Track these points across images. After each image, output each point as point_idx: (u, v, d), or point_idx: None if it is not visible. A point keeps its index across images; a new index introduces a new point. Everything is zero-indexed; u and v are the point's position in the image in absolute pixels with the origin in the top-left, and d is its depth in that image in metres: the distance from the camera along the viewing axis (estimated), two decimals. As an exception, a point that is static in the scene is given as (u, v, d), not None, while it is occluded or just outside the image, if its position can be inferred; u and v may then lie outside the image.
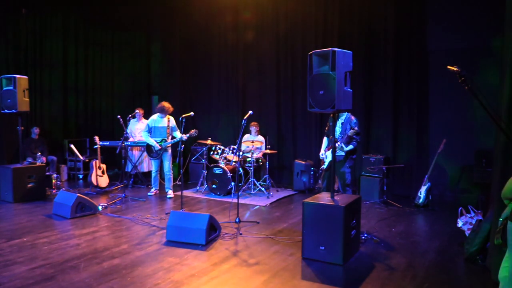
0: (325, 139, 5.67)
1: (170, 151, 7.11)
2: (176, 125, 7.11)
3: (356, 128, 5.18)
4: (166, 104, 7.00)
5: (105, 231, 5.08)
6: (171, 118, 7.12)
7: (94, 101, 9.91)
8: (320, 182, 6.74)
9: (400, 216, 6.00)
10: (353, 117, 5.32)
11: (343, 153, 5.30)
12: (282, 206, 6.63)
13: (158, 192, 7.33)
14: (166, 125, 7.01)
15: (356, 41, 7.63)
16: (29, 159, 7.68)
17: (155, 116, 7.10)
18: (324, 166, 5.46)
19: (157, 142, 6.94)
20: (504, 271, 2.53)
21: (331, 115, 5.48)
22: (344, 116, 5.32)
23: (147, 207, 6.41)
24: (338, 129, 5.30)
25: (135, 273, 3.74)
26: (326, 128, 5.70)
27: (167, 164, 7.08)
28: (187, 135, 6.50)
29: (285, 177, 8.54)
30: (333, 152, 4.46)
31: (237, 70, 9.08)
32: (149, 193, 7.28)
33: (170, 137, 7.02)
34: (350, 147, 5.26)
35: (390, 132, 7.43)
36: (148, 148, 7.11)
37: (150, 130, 7.04)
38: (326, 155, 5.47)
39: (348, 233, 4.04)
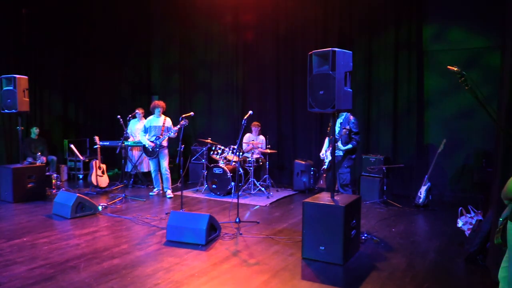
0: (326, 140, 5.68)
1: (166, 150, 7.12)
2: (172, 126, 7.12)
3: (347, 127, 5.19)
4: (158, 102, 7.13)
5: (105, 231, 5.07)
6: (168, 119, 7.15)
7: (94, 101, 9.91)
8: (321, 182, 6.75)
9: (400, 216, 6.00)
10: (351, 117, 5.32)
11: (341, 153, 5.31)
12: (282, 206, 6.63)
13: (160, 192, 7.33)
14: (161, 124, 7.03)
15: (356, 41, 7.64)
16: (29, 159, 7.67)
17: (151, 116, 7.17)
18: (325, 166, 5.48)
19: (151, 141, 6.96)
20: (504, 271, 2.53)
21: (333, 115, 5.51)
22: (343, 116, 5.33)
23: (147, 207, 6.41)
24: (337, 129, 5.32)
25: (135, 273, 3.74)
26: (328, 128, 5.70)
27: (164, 164, 7.08)
28: (177, 126, 6.44)
29: (285, 177, 8.54)
30: (333, 152, 4.47)
31: (237, 70, 9.08)
32: (151, 193, 7.28)
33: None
34: (349, 146, 5.25)
35: (390, 132, 7.43)
36: (145, 148, 7.11)
37: (147, 130, 7.09)
38: (326, 155, 5.48)
39: (348, 233, 4.04)
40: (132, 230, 5.14)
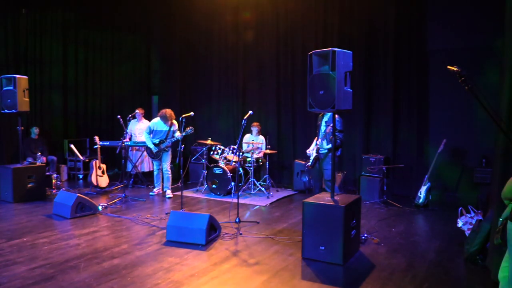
0: (315, 139, 5.74)
1: (169, 151, 7.13)
2: (177, 129, 7.10)
3: (331, 125, 5.20)
4: (168, 112, 6.89)
5: (105, 231, 5.08)
6: (175, 123, 7.09)
7: (94, 101, 9.89)
8: (307, 178, 6.85)
9: (400, 216, 6.00)
10: (336, 116, 5.29)
11: (325, 150, 5.38)
12: (282, 206, 6.63)
13: (160, 191, 7.33)
14: (167, 129, 7.02)
15: (356, 41, 7.63)
16: (29, 159, 7.67)
17: (157, 119, 7.08)
18: (309, 163, 5.58)
19: (156, 143, 6.96)
20: (504, 271, 2.53)
21: (319, 114, 5.59)
22: (328, 114, 5.32)
23: (147, 207, 6.41)
24: (323, 128, 5.43)
25: (135, 273, 3.74)
26: (317, 130, 5.75)
27: (166, 164, 7.09)
28: (183, 133, 6.46)
29: (285, 177, 8.53)
30: (333, 153, 4.47)
31: (237, 70, 9.08)
32: (151, 193, 7.28)
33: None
34: (331, 145, 5.26)
35: (390, 132, 7.42)
36: (148, 149, 7.12)
37: (151, 132, 7.07)
38: (311, 153, 5.54)
39: (348, 233, 4.04)
40: (132, 230, 5.14)
